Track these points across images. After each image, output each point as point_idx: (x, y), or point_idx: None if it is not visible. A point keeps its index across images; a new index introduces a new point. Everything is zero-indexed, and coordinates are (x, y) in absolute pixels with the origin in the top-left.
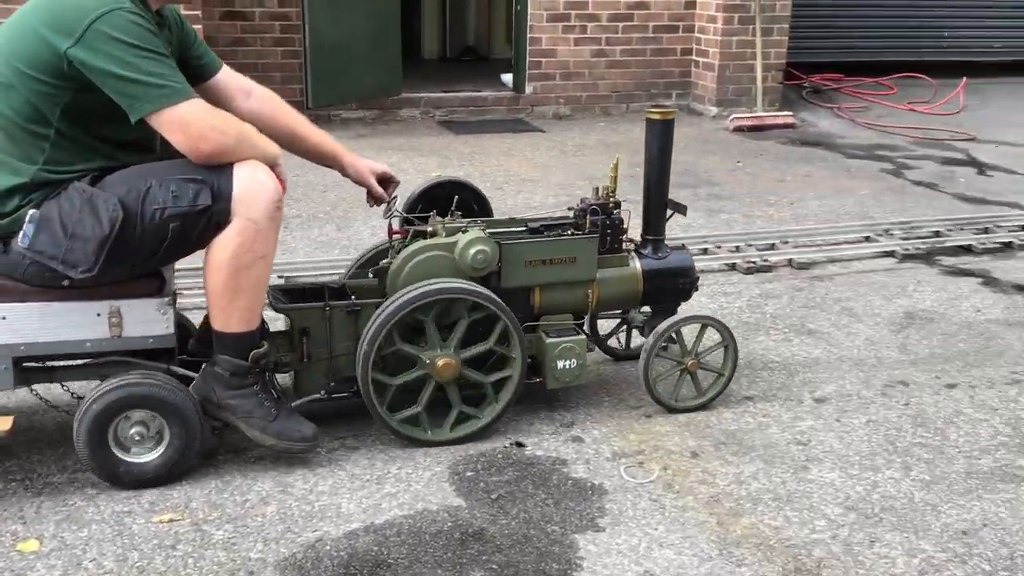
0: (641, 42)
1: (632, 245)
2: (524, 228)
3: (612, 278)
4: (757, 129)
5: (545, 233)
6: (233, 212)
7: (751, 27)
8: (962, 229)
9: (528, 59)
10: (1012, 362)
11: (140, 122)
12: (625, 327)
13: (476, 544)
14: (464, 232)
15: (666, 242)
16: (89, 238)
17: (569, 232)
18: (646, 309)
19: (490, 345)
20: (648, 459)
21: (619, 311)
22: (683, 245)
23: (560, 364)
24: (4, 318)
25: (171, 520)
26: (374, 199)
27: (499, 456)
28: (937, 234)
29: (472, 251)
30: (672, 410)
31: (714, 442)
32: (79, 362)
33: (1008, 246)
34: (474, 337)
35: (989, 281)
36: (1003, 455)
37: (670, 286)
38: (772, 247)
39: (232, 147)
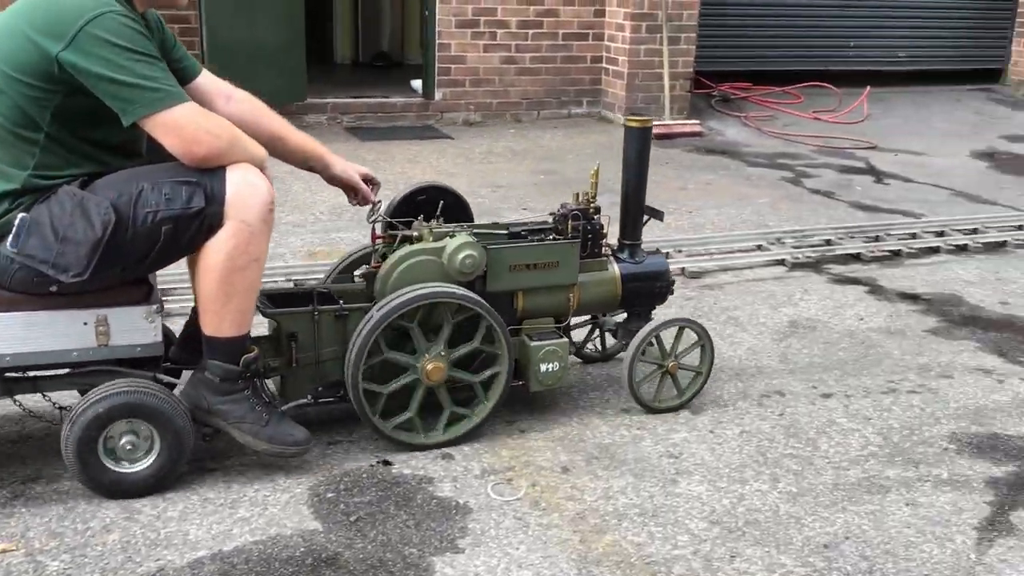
0: (551, 49)
1: (609, 250)
2: (506, 233)
3: (592, 282)
4: (665, 137)
5: (527, 238)
6: (226, 215)
7: (659, 36)
8: (853, 237)
9: (437, 65)
10: (889, 371)
11: (131, 126)
12: (598, 331)
13: (328, 570)
14: (451, 237)
15: (643, 247)
16: (81, 242)
17: (551, 237)
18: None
19: (476, 345)
20: (518, 475)
21: (591, 316)
22: (658, 249)
23: (543, 367)
24: None
25: (4, 551)
26: (360, 199)
27: (364, 475)
28: (828, 242)
29: (460, 256)
30: (654, 411)
31: (586, 456)
32: (63, 371)
33: (897, 254)
34: (459, 338)
35: (875, 289)
36: (871, 465)
37: (647, 290)
38: (666, 256)
39: (225, 150)
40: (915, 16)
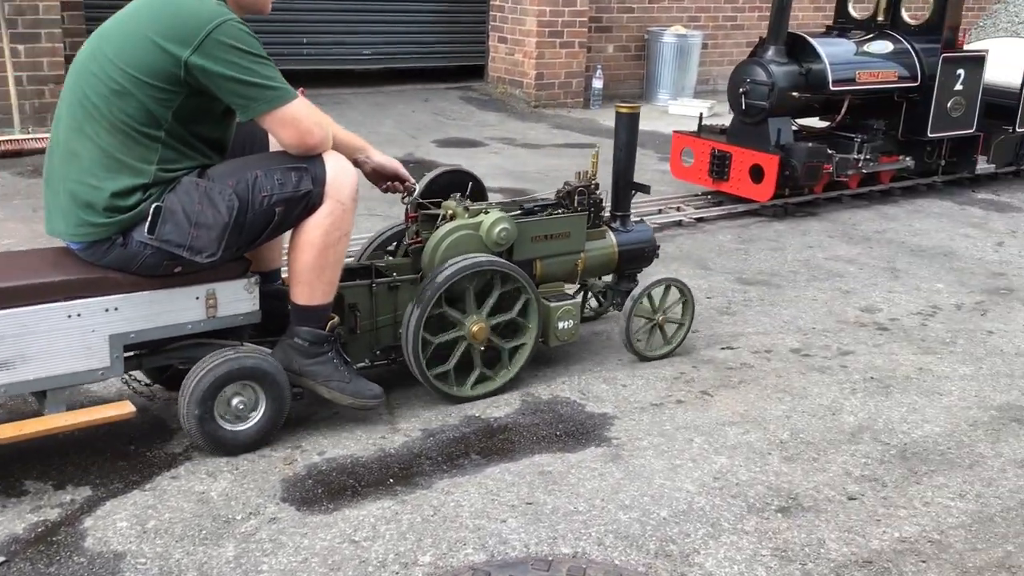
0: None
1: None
2: (520, 209)
3: (595, 248)
4: (12, 155)
5: (539, 213)
6: (326, 195)
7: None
8: None
9: None
10: None
11: (230, 123)
12: (586, 293)
13: None
14: (486, 213)
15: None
16: (211, 226)
17: (559, 211)
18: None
19: (514, 315)
20: None
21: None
22: (642, 219)
23: (561, 324)
24: (117, 309)
25: None
26: (401, 186)
27: None
28: None
29: (497, 229)
30: (647, 359)
31: None
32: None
33: None
34: (500, 307)
35: None
36: None
37: (637, 254)
38: None
39: (327, 139)
40: (378, 12)
